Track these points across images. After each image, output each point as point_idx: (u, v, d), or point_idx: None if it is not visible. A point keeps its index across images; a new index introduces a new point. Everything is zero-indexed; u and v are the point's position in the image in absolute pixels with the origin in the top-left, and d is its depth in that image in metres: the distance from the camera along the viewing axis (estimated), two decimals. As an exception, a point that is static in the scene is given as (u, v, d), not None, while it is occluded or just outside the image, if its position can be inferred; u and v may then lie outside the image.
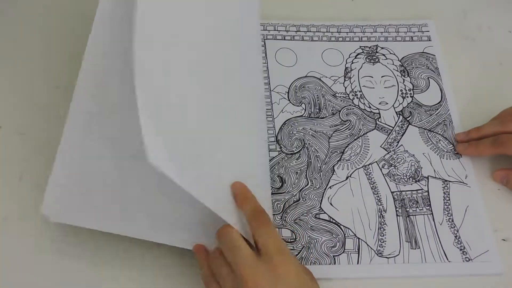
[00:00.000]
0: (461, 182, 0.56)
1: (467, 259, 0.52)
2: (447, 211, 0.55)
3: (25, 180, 0.54)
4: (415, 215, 0.54)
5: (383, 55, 0.65)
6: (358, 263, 0.52)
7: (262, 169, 0.55)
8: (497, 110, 0.58)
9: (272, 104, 0.61)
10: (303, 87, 0.62)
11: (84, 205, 0.48)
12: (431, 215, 0.54)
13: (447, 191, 0.56)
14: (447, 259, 0.52)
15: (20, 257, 0.51)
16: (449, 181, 0.56)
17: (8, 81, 0.61)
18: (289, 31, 0.66)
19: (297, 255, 0.52)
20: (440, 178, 0.56)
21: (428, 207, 0.55)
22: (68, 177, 0.49)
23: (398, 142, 0.59)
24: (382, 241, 0.53)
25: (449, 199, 0.55)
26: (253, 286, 0.41)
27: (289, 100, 0.61)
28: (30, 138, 0.57)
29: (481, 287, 0.51)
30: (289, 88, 0.62)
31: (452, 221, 0.54)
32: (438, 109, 0.61)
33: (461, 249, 0.52)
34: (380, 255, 0.52)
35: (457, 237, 0.53)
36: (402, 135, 0.59)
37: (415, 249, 0.52)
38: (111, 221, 0.48)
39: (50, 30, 0.65)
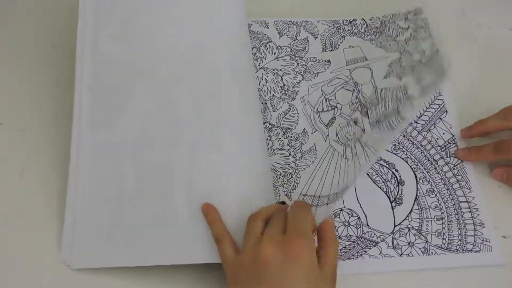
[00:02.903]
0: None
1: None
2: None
3: (26, 176, 0.54)
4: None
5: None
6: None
7: (264, 176, 0.54)
8: (496, 109, 0.58)
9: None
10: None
11: (108, 245, 0.50)
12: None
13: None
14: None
15: (21, 254, 0.50)
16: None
17: (8, 78, 0.61)
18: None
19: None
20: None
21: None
22: (88, 220, 0.50)
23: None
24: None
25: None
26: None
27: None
28: (31, 134, 0.57)
29: (481, 279, 0.51)
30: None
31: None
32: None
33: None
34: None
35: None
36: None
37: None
38: (137, 254, 0.49)
39: (50, 27, 0.65)
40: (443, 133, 0.60)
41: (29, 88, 0.60)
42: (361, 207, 0.55)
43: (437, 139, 0.59)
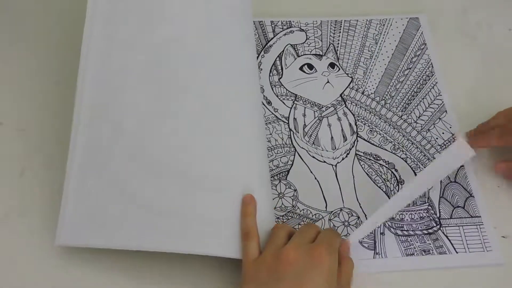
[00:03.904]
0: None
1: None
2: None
3: (26, 176, 0.54)
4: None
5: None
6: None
7: (263, 180, 0.53)
8: (495, 108, 0.58)
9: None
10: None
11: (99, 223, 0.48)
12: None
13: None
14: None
15: (21, 254, 0.50)
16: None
17: (8, 77, 0.61)
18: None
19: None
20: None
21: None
22: (85, 200, 0.49)
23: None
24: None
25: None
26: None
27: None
28: (30, 134, 0.57)
29: (481, 278, 0.51)
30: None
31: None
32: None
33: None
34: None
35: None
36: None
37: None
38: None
39: (50, 26, 0.65)
40: (443, 133, 0.60)
41: (29, 87, 0.60)
42: (360, 207, 0.55)
43: (437, 138, 0.59)
